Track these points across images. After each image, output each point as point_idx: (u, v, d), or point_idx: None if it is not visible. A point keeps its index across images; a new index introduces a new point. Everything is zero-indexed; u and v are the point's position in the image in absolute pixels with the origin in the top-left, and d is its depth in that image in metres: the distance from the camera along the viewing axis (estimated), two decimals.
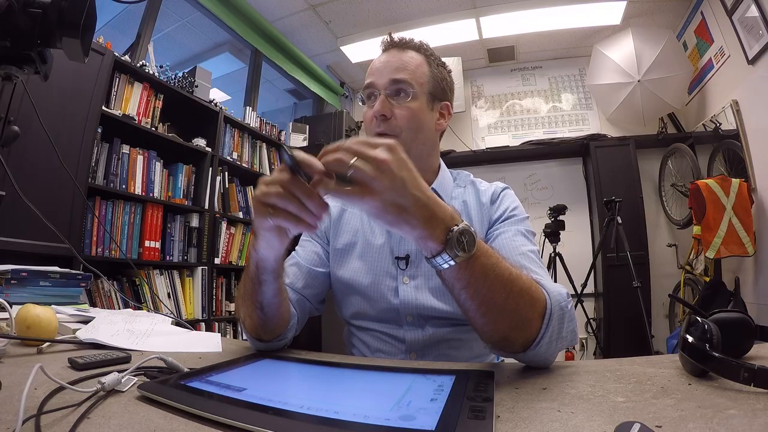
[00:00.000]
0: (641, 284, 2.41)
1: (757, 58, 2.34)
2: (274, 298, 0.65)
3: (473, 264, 0.48)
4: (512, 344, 0.55)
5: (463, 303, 0.52)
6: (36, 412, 0.36)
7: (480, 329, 0.54)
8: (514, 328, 0.53)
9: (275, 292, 0.65)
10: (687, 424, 0.35)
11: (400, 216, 0.46)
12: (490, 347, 0.58)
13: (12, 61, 0.52)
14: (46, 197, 1.61)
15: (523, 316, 0.53)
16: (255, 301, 0.65)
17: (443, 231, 0.47)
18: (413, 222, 0.46)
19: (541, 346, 0.54)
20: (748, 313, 0.54)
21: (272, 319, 0.67)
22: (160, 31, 2.83)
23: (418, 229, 0.47)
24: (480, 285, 0.50)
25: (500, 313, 0.52)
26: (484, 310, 0.51)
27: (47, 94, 1.65)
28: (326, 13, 3.20)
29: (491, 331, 0.54)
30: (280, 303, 0.67)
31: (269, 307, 0.66)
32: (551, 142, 3.53)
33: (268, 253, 0.58)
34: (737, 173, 2.55)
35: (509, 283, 0.51)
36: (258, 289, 0.63)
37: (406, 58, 0.82)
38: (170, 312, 2.14)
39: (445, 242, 0.47)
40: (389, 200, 0.45)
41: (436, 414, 0.38)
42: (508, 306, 0.51)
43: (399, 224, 0.47)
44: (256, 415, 0.37)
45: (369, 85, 0.82)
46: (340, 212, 0.92)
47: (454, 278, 0.49)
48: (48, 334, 0.66)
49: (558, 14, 3.15)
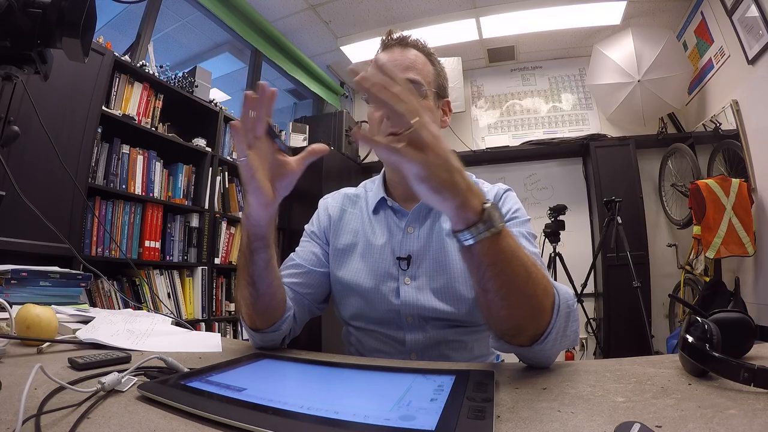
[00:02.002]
0: (641, 284, 2.41)
1: (757, 58, 2.34)
2: (265, 270, 0.66)
3: (501, 241, 0.49)
4: (522, 334, 0.54)
5: (485, 283, 0.51)
6: (36, 412, 0.36)
7: (495, 314, 0.54)
8: (527, 316, 0.53)
9: (266, 263, 0.66)
10: (687, 424, 0.35)
11: (446, 182, 0.46)
12: (496, 340, 0.57)
13: (12, 61, 0.52)
14: (46, 197, 1.61)
15: (538, 304, 0.53)
16: (247, 275, 0.67)
17: (479, 202, 0.48)
18: (456, 189, 0.47)
19: (547, 341, 0.54)
20: (748, 313, 0.54)
21: (264, 296, 0.68)
22: (160, 31, 2.83)
23: (460, 197, 0.47)
24: (505, 264, 0.49)
25: (520, 296, 0.52)
26: (505, 291, 0.51)
27: (47, 94, 1.65)
28: (326, 13, 3.20)
29: (506, 317, 0.54)
30: (272, 279, 0.68)
31: (260, 280, 0.67)
32: (551, 142, 3.53)
33: (258, 213, 0.62)
34: (737, 173, 2.55)
35: (530, 267, 0.51)
36: (250, 260, 0.65)
37: (412, 56, 0.81)
38: (170, 312, 2.14)
39: (481, 213, 0.48)
40: (439, 164, 0.46)
41: (436, 414, 0.38)
42: (527, 290, 0.51)
43: (443, 190, 0.47)
44: (256, 415, 0.37)
45: None
46: (341, 213, 0.92)
47: (483, 254, 0.49)
48: (48, 334, 0.66)
49: (558, 14, 3.15)
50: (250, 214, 0.63)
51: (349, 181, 3.52)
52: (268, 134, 0.61)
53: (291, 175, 0.63)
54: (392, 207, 0.86)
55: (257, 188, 0.59)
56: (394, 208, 0.86)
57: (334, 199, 0.96)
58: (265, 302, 0.69)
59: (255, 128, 0.59)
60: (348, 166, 3.64)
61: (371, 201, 0.89)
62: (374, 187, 0.92)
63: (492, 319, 0.55)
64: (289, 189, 0.64)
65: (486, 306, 0.54)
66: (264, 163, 0.61)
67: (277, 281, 0.70)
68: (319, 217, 0.94)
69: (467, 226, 0.48)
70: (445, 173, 0.46)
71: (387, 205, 0.87)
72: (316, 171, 3.23)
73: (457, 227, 0.49)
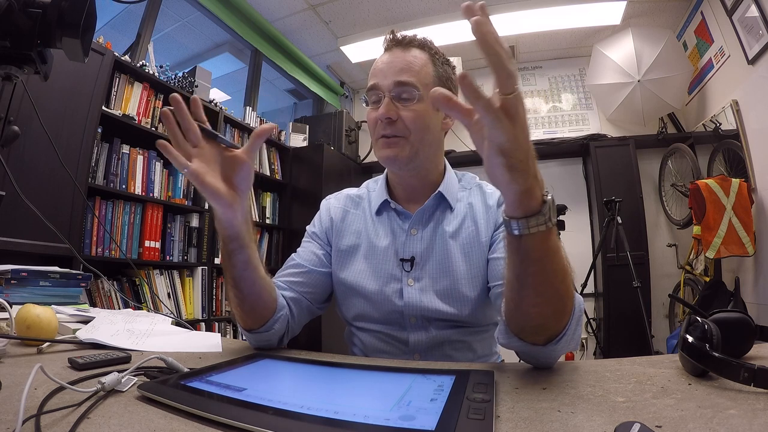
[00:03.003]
0: (641, 284, 2.42)
1: (757, 58, 2.34)
2: (245, 271, 0.66)
3: (552, 236, 0.48)
4: (542, 333, 0.54)
5: (526, 278, 0.50)
6: (36, 412, 0.36)
7: (525, 310, 0.53)
8: (554, 315, 0.53)
9: (245, 264, 0.66)
10: (687, 424, 0.35)
11: (522, 162, 0.44)
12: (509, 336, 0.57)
13: (12, 61, 0.52)
14: (46, 197, 1.61)
15: (565, 305, 0.53)
16: (230, 278, 0.67)
17: (542, 192, 0.47)
18: (527, 173, 0.45)
19: (561, 342, 0.54)
20: (748, 313, 0.54)
21: (248, 296, 0.68)
22: (160, 31, 2.84)
23: (529, 182, 0.45)
24: (550, 260, 0.48)
25: (553, 295, 0.51)
26: (543, 288, 0.50)
27: (47, 94, 1.65)
28: (326, 13, 3.20)
29: (536, 315, 0.52)
30: (255, 279, 0.68)
31: (242, 281, 0.67)
32: (551, 142, 3.53)
33: (225, 215, 0.62)
34: (737, 173, 2.55)
35: (567, 268, 0.51)
36: (228, 263, 0.66)
37: (409, 57, 0.79)
38: (170, 312, 2.14)
39: (542, 204, 0.46)
40: (523, 140, 0.43)
41: (436, 414, 0.38)
42: (561, 290, 0.51)
43: (516, 170, 0.44)
44: (256, 415, 0.37)
45: (373, 87, 0.80)
46: (344, 214, 0.92)
47: (533, 247, 0.47)
48: (48, 334, 0.66)
49: (558, 14, 3.15)
50: (219, 218, 0.63)
51: (349, 181, 3.52)
52: (207, 136, 0.62)
53: (244, 166, 0.63)
54: (395, 209, 0.86)
55: (212, 193, 0.60)
56: (398, 210, 0.86)
57: (337, 200, 0.95)
58: (250, 303, 0.69)
59: (190, 138, 0.60)
60: (348, 166, 3.64)
61: (374, 202, 0.89)
62: (377, 187, 0.91)
63: (519, 314, 0.54)
64: (248, 181, 0.64)
65: (516, 300, 0.53)
66: (212, 165, 0.61)
67: (261, 281, 0.69)
68: (321, 218, 0.94)
69: (526, 214, 0.46)
70: (523, 152, 0.44)
71: (390, 207, 0.87)
72: (316, 171, 3.23)
73: (515, 214, 0.47)
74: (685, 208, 2.83)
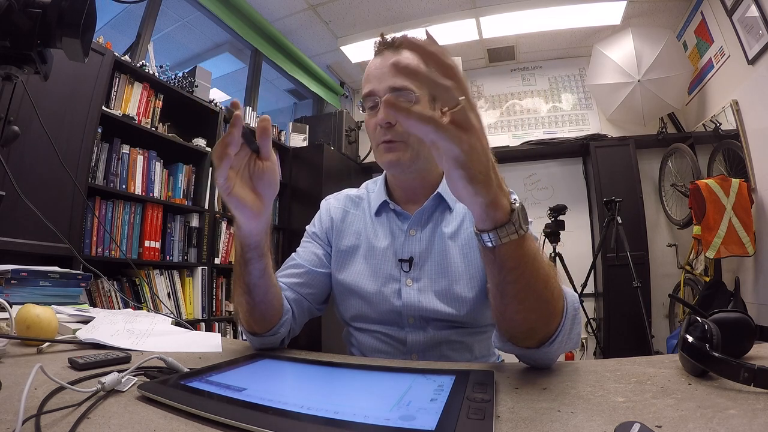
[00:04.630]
0: (641, 284, 2.42)
1: (757, 58, 2.34)
2: (260, 279, 0.66)
3: (526, 243, 0.47)
4: (533, 337, 0.54)
5: (506, 286, 0.49)
6: (36, 412, 0.36)
7: (510, 318, 0.53)
8: (541, 320, 0.53)
9: (261, 273, 0.65)
10: (687, 424, 0.35)
11: (482, 173, 0.43)
12: (503, 341, 0.57)
13: (12, 61, 0.52)
14: (46, 197, 1.61)
15: (551, 308, 0.52)
16: (243, 284, 0.66)
17: (508, 201, 0.46)
18: (489, 184, 0.44)
19: (554, 344, 0.54)
20: (748, 313, 0.54)
21: (260, 304, 0.68)
22: (160, 31, 2.84)
23: (492, 194, 0.44)
24: (528, 267, 0.48)
25: (537, 301, 0.51)
26: (523, 295, 0.50)
27: (47, 94, 1.65)
28: (326, 13, 3.20)
29: (521, 321, 0.53)
30: (268, 287, 0.67)
31: (255, 289, 0.66)
32: (551, 142, 3.53)
33: (248, 225, 0.61)
34: (737, 173, 2.55)
35: (549, 271, 0.50)
36: (244, 270, 0.65)
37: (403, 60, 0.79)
38: (170, 312, 2.14)
39: (509, 213, 0.46)
40: (480, 151, 0.42)
41: (436, 414, 0.38)
42: (545, 296, 0.51)
43: (477, 182, 0.43)
44: (256, 415, 0.37)
45: (369, 93, 0.79)
46: (344, 214, 0.92)
47: (507, 257, 0.47)
48: (48, 334, 0.66)
49: (558, 14, 3.15)
50: (241, 227, 0.61)
51: (349, 181, 3.52)
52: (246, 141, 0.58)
53: (269, 170, 0.61)
54: (395, 210, 0.86)
55: (238, 204, 0.58)
56: (397, 210, 0.86)
57: (337, 200, 0.95)
58: (261, 310, 0.69)
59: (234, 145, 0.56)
60: (348, 166, 3.64)
61: (374, 203, 0.90)
62: (376, 188, 0.92)
63: (505, 322, 0.54)
64: (274, 187, 0.62)
65: (501, 309, 0.53)
66: (239, 173, 0.59)
67: (273, 289, 0.69)
68: (321, 218, 0.94)
69: (495, 226, 0.46)
70: (482, 164, 0.42)
71: (389, 208, 0.87)
72: (316, 171, 3.23)
73: (483, 227, 0.46)
74: (685, 208, 2.83)
